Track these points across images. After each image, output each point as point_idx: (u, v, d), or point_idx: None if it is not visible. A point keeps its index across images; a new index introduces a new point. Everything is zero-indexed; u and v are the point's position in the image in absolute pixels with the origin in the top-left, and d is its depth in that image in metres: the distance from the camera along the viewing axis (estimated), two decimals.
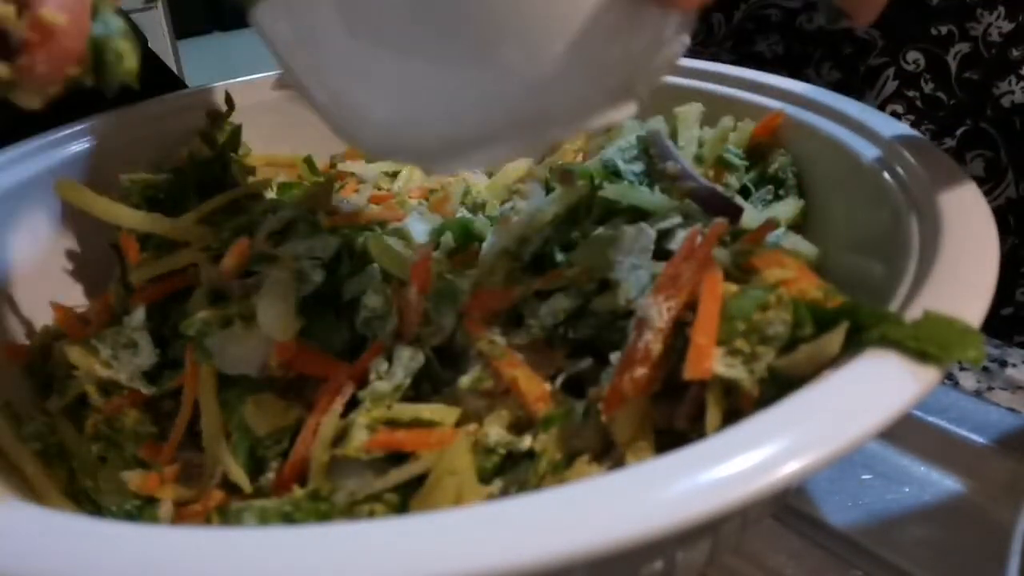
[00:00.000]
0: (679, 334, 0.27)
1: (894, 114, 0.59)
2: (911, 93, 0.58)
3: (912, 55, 0.58)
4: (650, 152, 0.42)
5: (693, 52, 0.38)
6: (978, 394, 0.43)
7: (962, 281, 0.26)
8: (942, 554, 0.34)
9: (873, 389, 0.22)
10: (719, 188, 0.40)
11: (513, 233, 0.36)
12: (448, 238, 0.39)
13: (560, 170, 0.40)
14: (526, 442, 0.29)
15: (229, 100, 0.48)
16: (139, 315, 0.36)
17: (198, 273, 0.38)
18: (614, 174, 0.41)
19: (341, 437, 0.31)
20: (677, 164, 0.40)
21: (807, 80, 0.60)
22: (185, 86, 0.54)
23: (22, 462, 0.33)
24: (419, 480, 0.28)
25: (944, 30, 0.57)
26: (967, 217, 0.30)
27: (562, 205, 0.38)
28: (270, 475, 0.32)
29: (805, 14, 0.61)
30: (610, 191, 0.37)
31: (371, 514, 0.28)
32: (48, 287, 0.42)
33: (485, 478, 0.28)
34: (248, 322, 0.34)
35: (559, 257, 0.35)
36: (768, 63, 0.64)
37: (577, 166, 0.41)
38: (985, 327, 0.24)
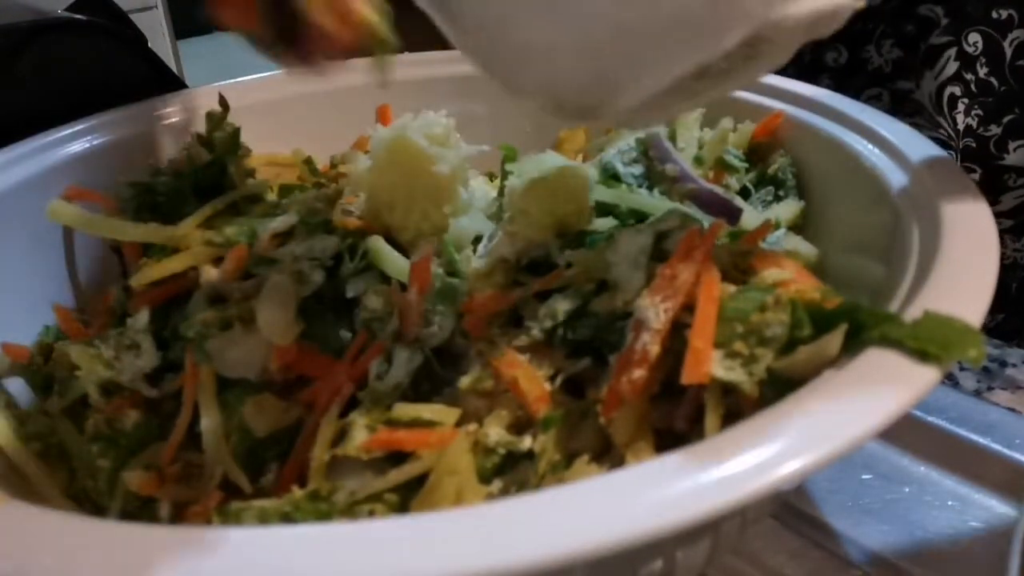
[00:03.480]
0: (678, 335, 0.27)
1: (952, 97, 0.58)
2: (968, 76, 0.57)
3: (973, 36, 0.56)
4: (649, 154, 0.42)
5: None
6: (978, 394, 0.43)
7: (962, 281, 0.26)
8: (942, 554, 0.34)
9: (873, 389, 0.22)
10: (719, 190, 0.40)
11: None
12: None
13: None
14: (526, 442, 0.29)
15: (223, 102, 0.48)
16: (143, 317, 0.36)
17: (198, 276, 0.38)
18: (613, 177, 0.41)
19: (341, 437, 0.31)
20: (676, 166, 0.40)
21: (867, 58, 0.59)
22: (185, 86, 0.54)
23: (22, 462, 0.33)
24: (419, 480, 0.28)
25: (1004, 14, 0.56)
26: (967, 217, 0.30)
27: None
28: (270, 475, 0.32)
29: None
30: (608, 194, 0.37)
31: (371, 514, 0.28)
32: (48, 287, 0.42)
33: (485, 478, 0.28)
34: (248, 325, 0.34)
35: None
36: (827, 40, 0.63)
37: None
38: (1014, 332, 0.24)
